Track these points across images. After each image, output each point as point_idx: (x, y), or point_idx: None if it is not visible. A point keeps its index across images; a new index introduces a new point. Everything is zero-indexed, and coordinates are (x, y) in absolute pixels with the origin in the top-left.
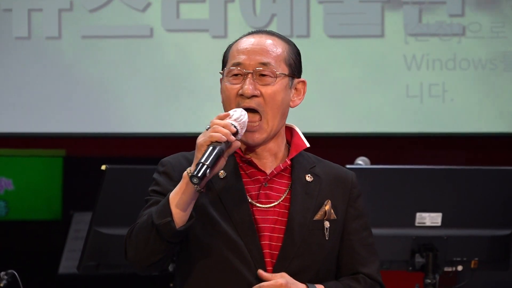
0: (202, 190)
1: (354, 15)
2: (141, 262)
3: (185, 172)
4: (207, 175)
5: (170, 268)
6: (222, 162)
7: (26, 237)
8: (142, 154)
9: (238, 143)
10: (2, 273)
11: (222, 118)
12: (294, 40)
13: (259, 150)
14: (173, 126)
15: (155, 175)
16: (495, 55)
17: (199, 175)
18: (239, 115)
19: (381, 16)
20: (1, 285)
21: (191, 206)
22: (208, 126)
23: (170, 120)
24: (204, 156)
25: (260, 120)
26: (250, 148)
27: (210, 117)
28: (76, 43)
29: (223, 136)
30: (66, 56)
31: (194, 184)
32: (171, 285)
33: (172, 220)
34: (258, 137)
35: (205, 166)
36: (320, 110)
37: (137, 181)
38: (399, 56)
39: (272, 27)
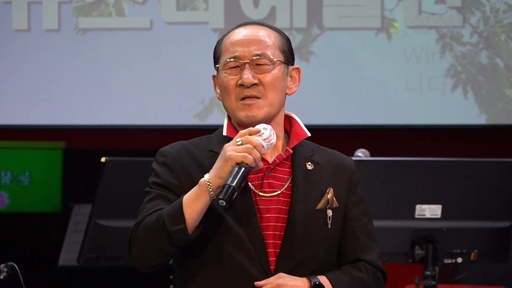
0: (224, 203)
1: (353, 8)
2: (146, 262)
3: (202, 179)
4: (234, 197)
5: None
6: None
7: (26, 230)
8: (142, 146)
9: (262, 164)
10: (2, 265)
11: (253, 133)
12: (293, 33)
13: None
14: (172, 118)
15: (155, 166)
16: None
17: (227, 198)
18: (268, 135)
19: (380, 8)
20: (1, 277)
21: (203, 212)
22: (239, 140)
23: (169, 112)
24: (231, 177)
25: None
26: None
27: (209, 111)
28: (75, 35)
29: (254, 162)
30: (66, 48)
31: (221, 205)
32: (171, 277)
33: (186, 227)
34: (257, 112)
35: (232, 189)
36: (319, 102)
37: (137, 173)
38: (398, 48)
39: (272, 20)
